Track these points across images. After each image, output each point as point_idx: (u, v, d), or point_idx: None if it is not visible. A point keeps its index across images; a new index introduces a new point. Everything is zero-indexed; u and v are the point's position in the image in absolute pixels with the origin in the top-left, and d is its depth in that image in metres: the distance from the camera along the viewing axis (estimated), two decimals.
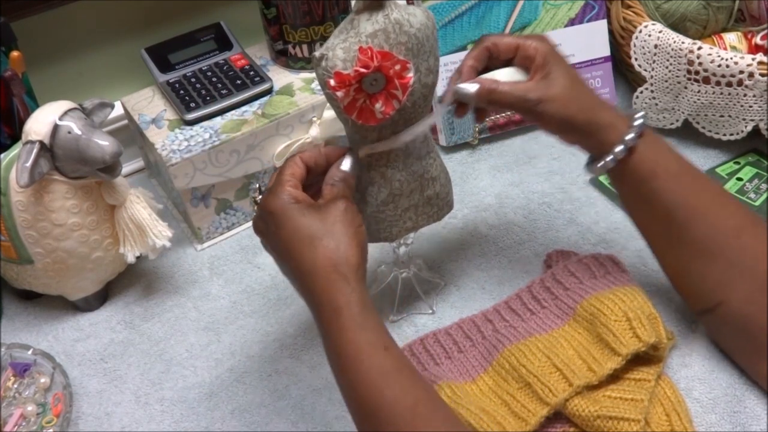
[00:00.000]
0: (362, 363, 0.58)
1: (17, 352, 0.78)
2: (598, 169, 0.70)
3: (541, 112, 0.68)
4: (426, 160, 0.70)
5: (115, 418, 0.75)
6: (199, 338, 0.82)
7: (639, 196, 0.71)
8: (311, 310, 0.63)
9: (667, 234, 0.71)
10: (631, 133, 0.68)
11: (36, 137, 0.72)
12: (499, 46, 0.70)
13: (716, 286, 0.69)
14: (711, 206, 0.69)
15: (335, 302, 0.59)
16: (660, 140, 0.71)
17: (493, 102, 0.69)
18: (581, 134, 0.70)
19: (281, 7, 0.90)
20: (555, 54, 0.69)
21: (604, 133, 0.69)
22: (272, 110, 0.88)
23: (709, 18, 0.97)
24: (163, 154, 0.84)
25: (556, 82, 0.68)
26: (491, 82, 0.68)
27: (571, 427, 0.69)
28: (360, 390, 0.58)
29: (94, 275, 0.82)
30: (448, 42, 0.97)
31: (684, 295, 0.74)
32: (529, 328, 0.76)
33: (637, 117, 0.69)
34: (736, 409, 0.70)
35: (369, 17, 0.61)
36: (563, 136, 0.71)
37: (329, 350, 0.61)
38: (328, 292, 0.60)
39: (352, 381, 0.59)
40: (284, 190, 0.63)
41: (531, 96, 0.67)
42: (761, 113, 0.88)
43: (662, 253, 0.73)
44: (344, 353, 0.59)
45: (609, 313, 0.72)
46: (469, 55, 0.71)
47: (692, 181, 0.70)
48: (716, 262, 0.69)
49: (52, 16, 0.91)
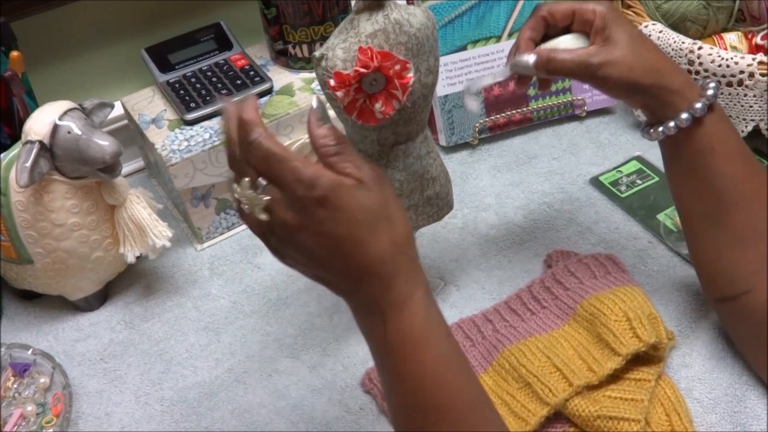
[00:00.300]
0: (429, 349, 0.53)
1: (17, 352, 0.78)
2: (657, 133, 0.67)
3: (605, 76, 0.65)
4: (426, 160, 0.70)
5: (115, 418, 0.75)
6: (199, 338, 0.82)
7: (690, 170, 0.68)
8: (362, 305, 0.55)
9: (710, 214, 0.68)
10: (700, 102, 0.65)
11: (36, 137, 0.72)
12: (555, 14, 0.68)
13: (746, 275, 0.67)
14: (759, 194, 0.67)
15: (405, 287, 0.53)
16: (726, 117, 0.68)
17: (553, 71, 0.66)
18: (648, 97, 0.66)
19: (281, 7, 0.90)
20: (615, 14, 0.66)
21: (672, 97, 0.65)
22: (272, 110, 0.88)
23: (709, 18, 0.97)
24: (163, 154, 0.84)
25: (618, 44, 0.64)
26: (549, 51, 0.66)
27: (571, 427, 0.69)
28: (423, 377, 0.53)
29: (94, 275, 0.82)
30: (448, 42, 0.97)
31: (706, 279, 0.72)
32: (529, 328, 0.76)
33: (709, 87, 0.66)
34: (736, 410, 0.70)
35: (369, 17, 0.61)
36: (629, 100, 0.69)
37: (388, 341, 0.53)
38: (396, 278, 0.52)
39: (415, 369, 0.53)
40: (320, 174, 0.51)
41: (593, 60, 0.64)
42: (761, 113, 0.88)
43: (697, 232, 0.70)
44: (411, 339, 0.53)
45: (609, 313, 0.72)
46: (525, 26, 0.68)
47: (746, 165, 0.68)
48: (751, 251, 0.67)
49: (52, 16, 0.91)
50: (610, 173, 0.94)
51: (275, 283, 0.86)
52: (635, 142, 0.98)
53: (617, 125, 1.01)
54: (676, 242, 0.84)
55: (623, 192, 0.91)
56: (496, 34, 0.98)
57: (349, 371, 0.77)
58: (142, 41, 0.95)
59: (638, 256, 0.84)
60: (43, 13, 0.90)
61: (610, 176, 0.93)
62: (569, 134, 1.01)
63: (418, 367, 0.53)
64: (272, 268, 0.88)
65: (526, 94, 0.99)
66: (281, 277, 0.87)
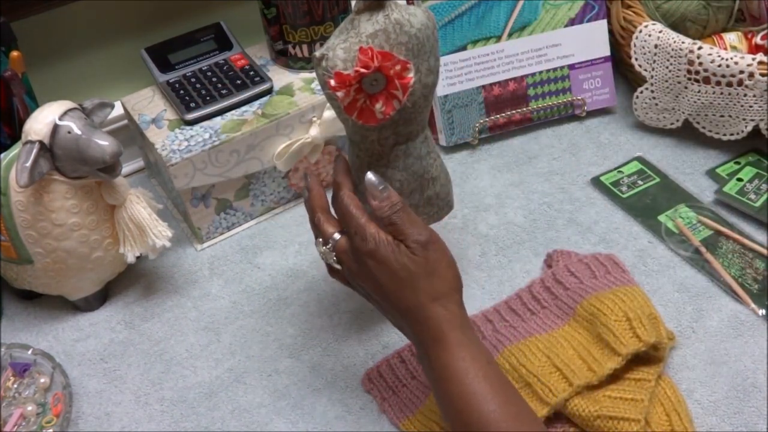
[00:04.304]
0: (467, 376, 0.59)
1: (17, 352, 0.78)
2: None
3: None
4: (426, 160, 0.70)
5: (115, 418, 0.75)
6: (199, 338, 0.82)
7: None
8: (409, 338, 0.65)
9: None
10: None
11: (36, 137, 0.72)
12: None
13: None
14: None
15: (438, 330, 0.61)
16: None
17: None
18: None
19: (281, 7, 0.90)
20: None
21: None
22: (272, 110, 0.88)
23: (709, 18, 0.97)
24: (163, 154, 0.84)
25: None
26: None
27: (571, 427, 0.69)
28: (465, 401, 0.59)
29: (94, 275, 0.82)
30: (448, 42, 0.97)
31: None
32: (529, 328, 0.76)
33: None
34: (737, 411, 0.70)
35: (369, 17, 0.61)
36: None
37: (434, 375, 0.61)
38: (429, 322, 0.61)
39: (457, 395, 0.59)
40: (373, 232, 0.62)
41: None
42: (761, 113, 0.88)
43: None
44: (450, 370, 0.60)
45: (609, 313, 0.72)
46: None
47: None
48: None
49: (52, 16, 0.91)
50: (611, 173, 0.94)
51: (275, 283, 0.86)
52: (635, 142, 0.98)
53: (617, 125, 1.01)
54: (677, 244, 0.84)
55: (624, 192, 0.91)
56: (496, 34, 0.98)
57: (349, 371, 0.77)
58: (142, 41, 0.95)
59: (638, 256, 0.84)
60: (43, 13, 0.90)
61: (611, 176, 0.93)
62: (569, 134, 1.01)
63: (457, 391, 0.60)
64: (272, 268, 0.88)
65: (526, 94, 0.99)
66: (281, 277, 0.87)
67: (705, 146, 0.96)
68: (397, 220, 0.62)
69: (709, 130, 0.93)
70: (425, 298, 0.61)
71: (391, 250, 0.62)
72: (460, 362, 0.60)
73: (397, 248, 0.62)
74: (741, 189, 0.89)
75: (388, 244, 0.62)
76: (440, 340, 0.61)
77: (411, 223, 0.62)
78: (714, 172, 0.93)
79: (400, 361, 0.76)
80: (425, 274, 0.61)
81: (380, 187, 0.63)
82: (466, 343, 0.61)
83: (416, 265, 0.61)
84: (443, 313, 0.61)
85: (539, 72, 0.99)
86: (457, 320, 0.61)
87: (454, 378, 0.60)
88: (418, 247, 0.61)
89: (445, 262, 0.63)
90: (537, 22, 0.98)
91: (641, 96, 0.96)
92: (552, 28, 0.98)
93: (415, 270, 0.61)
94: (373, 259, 0.62)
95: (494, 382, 0.60)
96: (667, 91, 0.93)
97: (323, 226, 0.67)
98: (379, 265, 0.62)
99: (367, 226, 0.63)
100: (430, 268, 0.62)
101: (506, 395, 0.60)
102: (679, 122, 0.95)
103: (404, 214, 0.62)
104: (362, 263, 0.63)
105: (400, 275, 0.61)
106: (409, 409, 0.72)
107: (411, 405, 0.72)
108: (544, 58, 0.99)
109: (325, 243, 0.67)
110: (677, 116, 0.94)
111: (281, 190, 0.94)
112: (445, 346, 0.61)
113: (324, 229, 0.67)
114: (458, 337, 0.61)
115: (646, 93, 0.95)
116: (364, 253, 0.62)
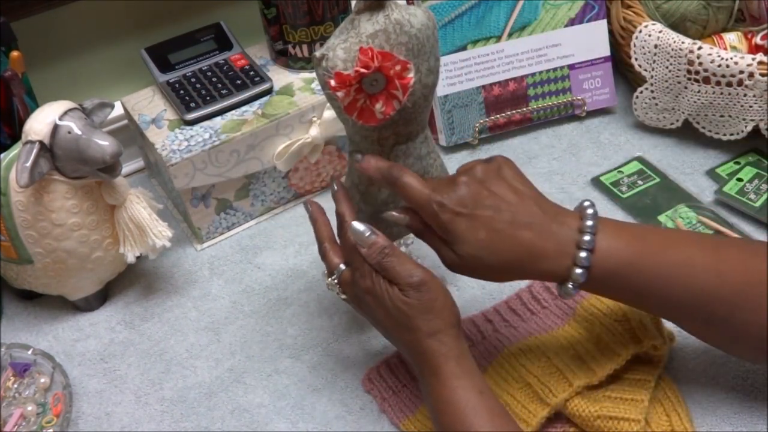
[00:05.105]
0: (459, 405, 0.61)
1: (17, 352, 0.78)
2: (568, 289, 0.63)
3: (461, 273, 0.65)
4: (426, 160, 0.70)
5: (115, 418, 0.75)
6: (199, 338, 0.82)
7: (626, 295, 0.65)
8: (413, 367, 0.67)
9: (684, 317, 0.65)
10: (583, 251, 0.62)
11: (36, 137, 0.72)
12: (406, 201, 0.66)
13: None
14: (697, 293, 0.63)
15: (433, 363, 0.62)
16: (616, 225, 0.64)
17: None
18: (526, 275, 0.64)
19: (281, 7, 0.90)
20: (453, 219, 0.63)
21: (550, 263, 0.63)
22: (272, 110, 0.88)
23: (709, 18, 0.97)
24: (163, 154, 0.84)
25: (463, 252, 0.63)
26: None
27: (571, 427, 0.69)
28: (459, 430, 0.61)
29: (94, 275, 0.82)
30: (448, 42, 0.97)
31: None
32: (529, 328, 0.76)
33: (587, 213, 0.63)
34: (737, 411, 0.70)
35: (369, 17, 0.61)
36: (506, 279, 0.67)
37: (432, 402, 0.63)
38: (425, 355, 0.62)
39: (450, 425, 0.61)
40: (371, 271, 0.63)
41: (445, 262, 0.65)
42: (761, 113, 0.88)
43: (700, 334, 0.67)
44: (443, 401, 0.62)
45: (609, 313, 0.72)
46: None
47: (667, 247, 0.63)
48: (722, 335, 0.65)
49: (52, 16, 0.91)
50: (611, 173, 0.94)
51: (275, 283, 0.86)
52: (635, 142, 0.98)
53: (617, 125, 1.01)
54: None
55: (624, 192, 0.91)
56: (496, 34, 0.98)
57: (349, 371, 0.77)
58: (142, 41, 0.95)
59: None
60: (43, 13, 0.90)
61: (611, 176, 0.93)
62: (569, 134, 1.01)
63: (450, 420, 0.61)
64: (272, 268, 0.88)
65: (526, 94, 0.99)
66: (281, 277, 0.87)
67: (705, 146, 0.96)
68: (387, 265, 0.62)
69: (709, 130, 0.93)
70: (421, 335, 0.62)
71: (386, 291, 0.63)
72: (453, 394, 0.61)
73: (391, 290, 0.62)
74: (741, 189, 0.89)
75: (383, 285, 0.63)
76: (435, 372, 0.62)
77: (402, 266, 0.62)
78: (714, 172, 0.93)
79: (400, 361, 0.76)
80: (419, 314, 0.62)
81: (366, 233, 0.63)
82: (460, 374, 0.62)
83: (410, 307, 0.62)
84: (438, 347, 0.62)
85: (539, 72, 0.99)
86: (452, 352, 0.62)
87: (449, 408, 0.61)
88: (411, 290, 0.62)
89: (440, 301, 0.63)
90: (537, 22, 0.98)
91: (641, 96, 0.96)
92: (552, 28, 0.98)
93: (408, 311, 0.62)
94: (370, 295, 0.64)
95: (485, 412, 0.61)
96: (667, 91, 0.93)
97: (329, 256, 0.68)
98: (376, 303, 0.64)
99: (366, 265, 0.63)
100: (424, 308, 0.62)
101: (497, 424, 0.61)
102: (679, 122, 0.95)
103: (394, 258, 0.62)
104: (362, 298, 0.65)
105: (394, 315, 0.63)
106: (409, 409, 0.72)
107: (411, 405, 0.73)
108: (544, 58, 0.99)
109: (330, 274, 0.68)
110: (677, 116, 0.94)
111: (281, 190, 0.94)
112: (440, 378, 0.62)
113: (329, 260, 0.68)
114: (452, 369, 0.62)
115: (646, 93, 0.95)
116: (363, 290, 0.64)
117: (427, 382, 0.63)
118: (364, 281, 0.64)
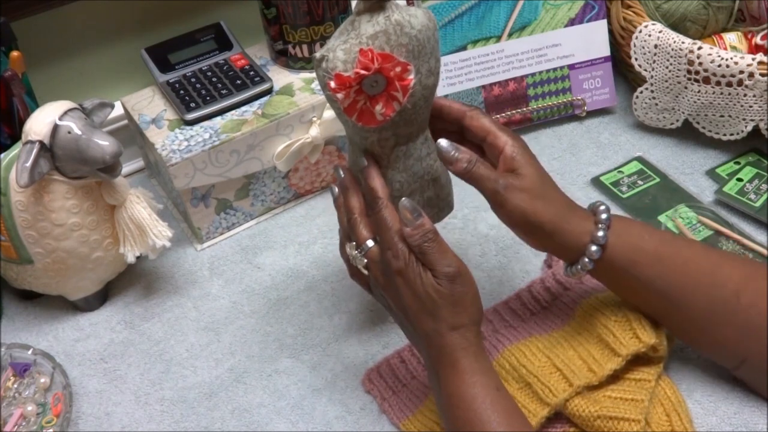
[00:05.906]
0: (475, 401, 0.61)
1: (17, 352, 0.78)
2: (578, 270, 0.68)
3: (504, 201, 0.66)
4: (426, 161, 0.70)
5: (115, 418, 0.75)
6: (199, 338, 0.82)
7: (627, 286, 0.70)
8: (421, 355, 0.67)
9: (668, 313, 0.69)
10: (599, 231, 0.66)
11: (36, 137, 0.72)
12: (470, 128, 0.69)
13: (734, 348, 0.68)
14: (700, 278, 0.67)
15: (452, 356, 0.62)
16: (630, 224, 0.69)
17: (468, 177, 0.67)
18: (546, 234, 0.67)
19: (281, 7, 0.90)
20: (526, 152, 0.68)
21: (570, 236, 0.67)
22: (272, 110, 0.88)
23: (709, 18, 0.97)
24: (163, 154, 0.84)
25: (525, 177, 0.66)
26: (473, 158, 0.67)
27: (571, 427, 0.69)
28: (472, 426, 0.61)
29: (94, 275, 0.82)
30: (448, 42, 0.97)
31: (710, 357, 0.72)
32: (529, 328, 0.76)
33: (601, 210, 0.67)
34: (737, 411, 0.70)
35: (370, 18, 0.61)
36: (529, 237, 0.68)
37: (446, 397, 0.63)
38: (445, 348, 0.62)
39: (465, 420, 0.61)
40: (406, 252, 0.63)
41: (500, 181, 0.66)
42: (761, 113, 0.88)
43: (672, 328, 0.71)
44: (459, 395, 0.62)
45: (609, 313, 0.72)
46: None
47: (674, 256, 0.68)
48: (726, 327, 0.67)
49: (52, 16, 0.91)
50: (611, 173, 0.94)
51: (275, 283, 0.86)
52: (635, 143, 0.98)
53: (617, 125, 1.01)
54: None
55: (624, 192, 0.91)
56: (496, 34, 0.98)
57: (349, 371, 0.77)
58: (142, 41, 0.95)
59: None
60: (43, 13, 0.90)
61: (611, 176, 0.93)
62: (569, 134, 1.01)
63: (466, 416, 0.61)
64: (272, 268, 0.88)
65: (526, 94, 0.99)
66: (281, 277, 0.87)
67: (705, 146, 0.96)
68: (428, 250, 0.62)
69: (708, 130, 0.93)
70: (444, 327, 0.62)
71: (419, 275, 0.62)
72: (470, 388, 0.61)
73: (425, 275, 0.62)
74: (741, 189, 0.89)
75: (417, 269, 0.62)
76: (453, 365, 0.62)
77: (441, 254, 0.62)
78: (714, 172, 0.93)
79: (400, 361, 0.76)
80: (448, 305, 0.62)
81: (414, 213, 0.62)
82: (478, 370, 0.62)
83: (440, 296, 0.62)
84: (460, 341, 0.62)
85: (539, 72, 0.99)
86: (472, 348, 0.63)
87: (463, 403, 0.61)
88: (445, 280, 0.62)
89: (471, 296, 0.63)
90: (537, 22, 0.98)
91: (641, 96, 0.96)
92: (552, 28, 0.98)
93: (438, 300, 0.62)
94: (401, 277, 0.63)
95: (501, 410, 0.61)
96: (667, 91, 0.93)
97: (358, 229, 0.67)
98: (405, 285, 0.63)
99: (401, 245, 0.63)
100: (454, 300, 0.62)
101: (512, 422, 0.61)
102: (679, 122, 0.95)
103: (435, 243, 0.62)
104: (390, 278, 0.64)
105: (423, 301, 0.62)
106: (409, 409, 0.72)
107: (411, 405, 0.73)
108: (544, 58, 0.99)
109: (358, 247, 0.67)
110: (677, 116, 0.94)
111: (281, 190, 0.94)
112: (457, 371, 0.62)
113: (359, 232, 0.67)
114: (471, 364, 0.62)
115: (645, 93, 0.95)
116: (394, 271, 0.63)
117: (442, 374, 0.63)
118: (397, 261, 0.63)
